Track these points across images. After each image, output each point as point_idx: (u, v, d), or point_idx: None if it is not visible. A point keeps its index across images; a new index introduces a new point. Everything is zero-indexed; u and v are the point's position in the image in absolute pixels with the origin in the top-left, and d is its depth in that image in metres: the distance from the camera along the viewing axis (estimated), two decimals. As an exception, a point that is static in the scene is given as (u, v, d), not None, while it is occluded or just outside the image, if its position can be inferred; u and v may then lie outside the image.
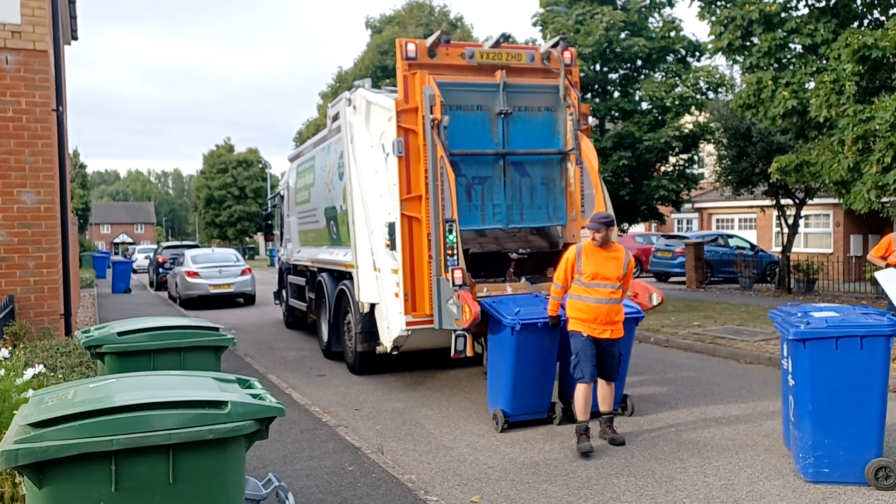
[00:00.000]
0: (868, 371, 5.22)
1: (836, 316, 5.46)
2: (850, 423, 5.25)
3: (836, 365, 5.23)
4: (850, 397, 5.25)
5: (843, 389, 5.24)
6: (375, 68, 28.95)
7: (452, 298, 7.16)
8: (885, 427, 5.34)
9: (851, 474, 5.30)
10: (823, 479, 5.34)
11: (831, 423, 5.28)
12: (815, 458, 5.34)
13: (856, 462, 5.28)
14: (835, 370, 5.24)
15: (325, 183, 11.18)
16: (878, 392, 5.24)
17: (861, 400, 5.24)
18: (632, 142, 17.31)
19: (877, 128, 10.75)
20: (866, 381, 5.23)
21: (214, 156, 61.15)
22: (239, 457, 2.66)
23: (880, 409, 5.26)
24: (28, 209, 8.63)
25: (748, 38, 14.12)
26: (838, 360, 5.23)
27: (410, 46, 8.12)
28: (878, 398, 5.25)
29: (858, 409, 5.25)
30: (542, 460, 6.05)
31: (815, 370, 5.28)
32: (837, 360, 5.23)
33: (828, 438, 5.30)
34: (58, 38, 9.42)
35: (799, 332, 5.28)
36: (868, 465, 5.24)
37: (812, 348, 5.26)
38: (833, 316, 5.46)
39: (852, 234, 25.76)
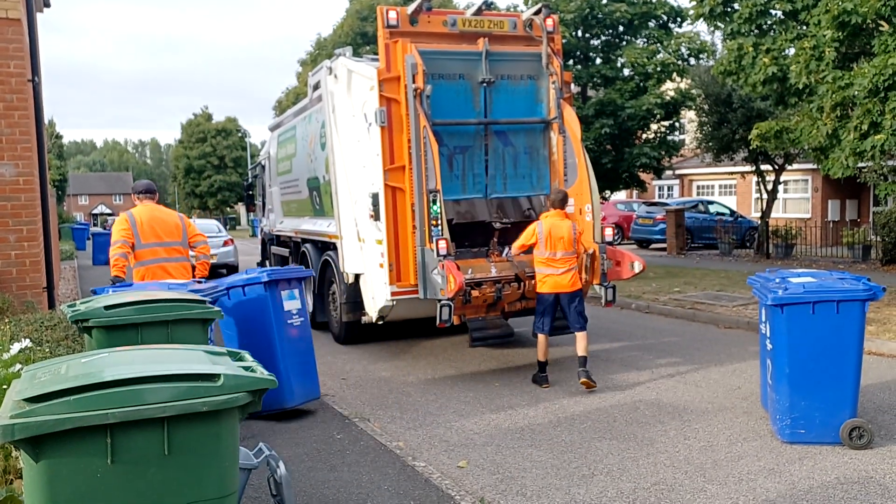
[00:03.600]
0: (844, 335, 5.37)
1: (812, 281, 5.60)
2: (825, 385, 5.41)
3: (813, 329, 5.37)
4: (826, 361, 5.40)
5: (820, 353, 5.39)
6: (355, 35, 28.56)
7: (437, 268, 7.22)
8: (859, 389, 5.52)
9: (827, 435, 5.47)
10: (800, 439, 5.52)
11: (808, 386, 5.44)
12: (791, 419, 5.51)
13: (831, 423, 5.45)
14: (811, 334, 5.38)
15: (308, 153, 11.12)
16: (853, 355, 5.41)
17: (837, 363, 5.40)
18: (614, 109, 17.33)
19: (855, 94, 10.84)
20: (842, 345, 5.38)
21: (193, 125, 60.34)
22: (232, 428, 2.71)
23: (855, 372, 5.43)
24: (7, 182, 8.51)
25: (729, 4, 14.09)
26: (815, 325, 5.37)
27: (391, 14, 8.04)
28: (853, 361, 5.42)
29: (834, 372, 5.40)
30: (527, 426, 6.18)
31: (792, 334, 5.42)
32: (814, 325, 5.37)
33: (804, 401, 5.46)
34: (31, 5, 9.20)
35: (777, 298, 5.42)
36: (842, 426, 5.41)
37: (789, 313, 5.40)
38: (810, 281, 5.59)
39: (830, 200, 26.09)
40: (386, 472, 5.08)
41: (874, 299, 5.36)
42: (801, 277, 5.72)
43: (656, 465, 5.21)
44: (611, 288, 8.06)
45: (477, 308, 7.67)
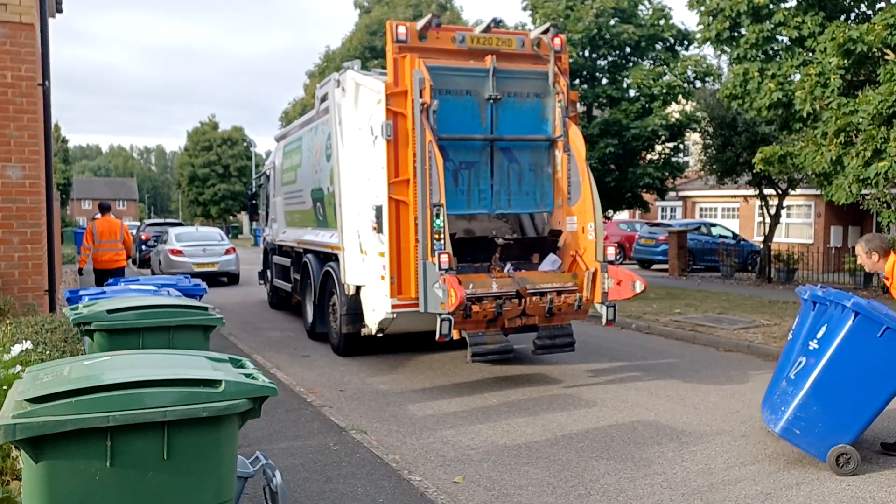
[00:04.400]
0: (893, 371, 5.28)
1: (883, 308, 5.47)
2: (846, 406, 5.34)
3: (870, 350, 5.26)
4: (861, 384, 5.30)
5: (861, 374, 5.30)
6: (364, 48, 28.77)
7: (438, 282, 7.23)
8: (869, 422, 5.43)
9: (815, 448, 5.43)
10: (789, 437, 5.50)
11: (830, 397, 5.35)
12: (794, 416, 5.44)
13: (826, 440, 5.39)
14: (865, 353, 5.27)
15: (313, 164, 11.17)
16: (888, 393, 5.33)
17: (870, 391, 5.31)
18: (619, 129, 17.40)
19: (860, 121, 10.89)
20: (887, 378, 5.29)
21: (199, 133, 60.52)
22: (232, 435, 2.72)
23: (881, 407, 5.36)
24: (13, 184, 8.56)
25: (736, 29, 14.20)
26: (874, 347, 5.26)
27: (401, 29, 8.12)
28: (885, 398, 5.34)
29: (862, 399, 5.32)
30: (524, 443, 6.16)
31: (847, 343, 5.31)
32: (873, 347, 5.26)
33: (818, 407, 5.38)
34: (44, 10, 9.30)
35: (857, 304, 5.30)
36: (833, 448, 5.36)
37: (859, 324, 5.28)
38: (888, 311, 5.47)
39: (833, 225, 26.10)
40: (381, 486, 5.06)
41: None
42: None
43: (653, 487, 5.19)
44: (612, 307, 8.07)
45: (477, 323, 7.68)
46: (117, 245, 11.96)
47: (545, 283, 8.13)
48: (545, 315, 7.97)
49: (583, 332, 10.74)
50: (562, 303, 8.00)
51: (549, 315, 7.98)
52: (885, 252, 5.83)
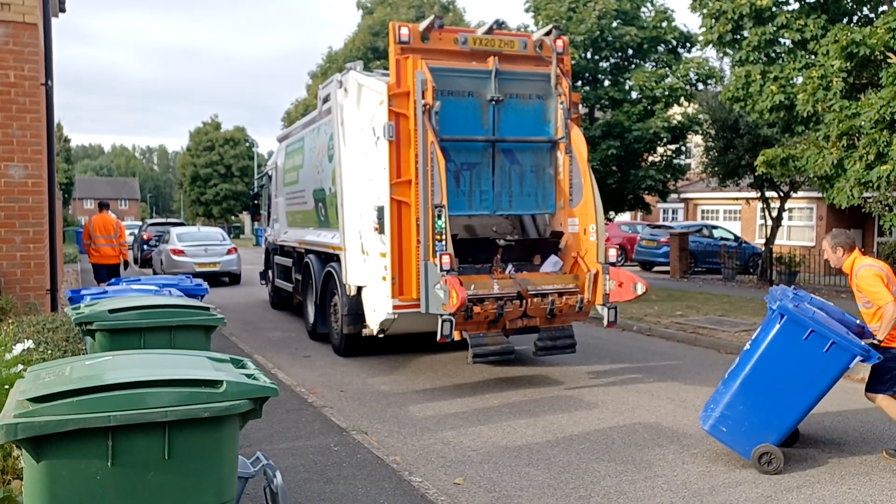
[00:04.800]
0: (818, 373, 5.37)
1: (822, 314, 5.55)
2: (772, 406, 5.46)
3: (795, 352, 5.37)
4: (787, 385, 5.42)
5: (787, 376, 5.42)
6: (366, 49, 28.79)
7: (440, 283, 7.23)
8: (796, 423, 5.56)
9: (741, 446, 5.54)
10: (716, 434, 5.63)
11: (756, 396, 5.49)
12: (722, 413, 5.58)
13: (752, 438, 5.49)
14: (791, 356, 5.39)
15: (315, 164, 11.18)
16: (814, 396, 5.44)
17: (795, 393, 5.42)
18: (621, 131, 17.40)
19: (862, 124, 10.88)
20: (811, 381, 5.39)
21: (201, 133, 60.54)
22: (233, 435, 2.73)
23: (806, 409, 5.48)
24: (15, 183, 8.57)
25: (739, 32, 14.19)
26: (799, 350, 5.36)
27: (404, 30, 8.12)
28: (811, 401, 5.45)
29: (788, 400, 5.44)
30: (525, 445, 6.16)
31: (774, 344, 5.45)
32: (798, 349, 5.36)
33: (744, 406, 5.51)
34: (47, 10, 9.32)
35: (783, 307, 5.41)
36: (757, 447, 5.46)
37: (786, 326, 5.41)
38: (820, 314, 5.54)
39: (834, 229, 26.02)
40: (382, 486, 5.06)
41: (864, 361, 5.31)
42: (817, 308, 5.67)
43: (654, 489, 5.18)
44: (613, 309, 8.07)
45: (478, 324, 7.68)
46: (112, 241, 12.76)
47: (546, 285, 8.13)
48: (546, 316, 7.97)
49: (584, 334, 10.73)
50: (563, 304, 8.00)
51: (550, 316, 7.98)
52: (850, 248, 5.90)
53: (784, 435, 5.54)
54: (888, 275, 5.67)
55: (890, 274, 5.70)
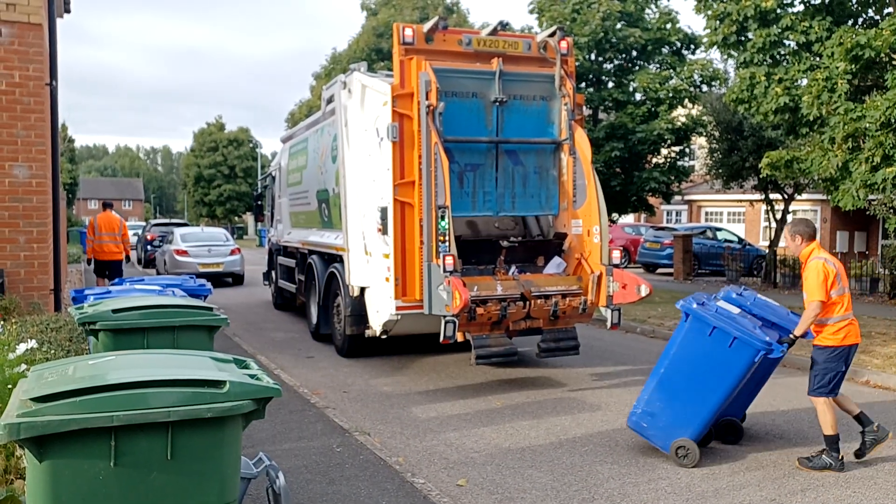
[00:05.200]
0: (724, 368, 5.51)
1: (733, 311, 5.68)
2: (685, 401, 5.66)
3: (702, 349, 5.58)
4: (697, 381, 5.60)
5: (696, 372, 5.61)
6: (370, 50, 28.79)
7: (443, 284, 7.22)
8: (712, 420, 5.71)
9: (660, 440, 5.78)
10: (638, 430, 5.91)
11: (671, 392, 5.72)
12: (642, 410, 5.85)
13: (671, 434, 5.70)
14: (698, 352, 5.60)
15: (318, 165, 11.18)
16: (724, 390, 5.56)
17: (705, 388, 5.59)
18: (624, 133, 17.38)
19: (867, 126, 10.84)
20: (718, 375, 5.54)
21: (205, 134, 60.62)
22: (236, 436, 2.72)
23: (717, 404, 5.60)
24: (20, 183, 8.58)
25: (743, 34, 14.15)
26: (705, 346, 5.57)
27: (408, 31, 8.12)
28: (721, 394, 5.57)
29: (698, 395, 5.61)
30: (528, 446, 6.14)
31: (683, 342, 5.70)
32: (705, 346, 5.57)
33: (661, 402, 5.77)
34: (52, 11, 9.33)
35: (685, 306, 5.72)
36: (675, 441, 5.66)
37: (691, 325, 5.65)
38: (729, 309, 5.70)
39: (839, 231, 26.03)
40: (385, 488, 5.05)
41: (767, 354, 5.39)
42: (730, 305, 5.80)
43: (657, 492, 5.17)
44: (616, 311, 8.05)
45: (481, 325, 7.67)
46: (115, 239, 13.41)
47: (550, 286, 8.11)
48: (550, 318, 7.96)
49: (587, 336, 10.71)
50: (566, 306, 7.98)
51: (553, 318, 7.97)
52: (810, 238, 5.85)
53: (701, 429, 5.68)
54: (837, 275, 5.61)
55: (841, 274, 5.67)
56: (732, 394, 5.63)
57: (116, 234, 13.45)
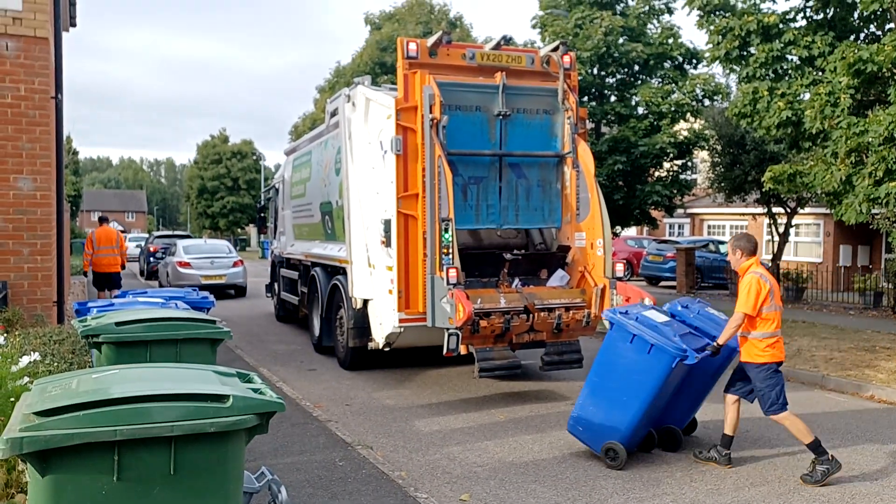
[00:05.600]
0: (645, 373, 5.74)
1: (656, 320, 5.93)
2: (613, 405, 5.92)
3: (625, 355, 5.86)
4: (622, 386, 5.87)
5: (621, 377, 5.88)
6: (374, 64, 28.91)
7: (446, 297, 7.21)
8: (640, 424, 5.89)
9: (593, 443, 6.08)
10: (574, 433, 6.23)
11: (600, 397, 6.02)
12: (578, 415, 6.17)
13: (602, 436, 5.98)
14: (622, 358, 5.88)
15: (322, 178, 11.20)
16: (646, 395, 5.77)
17: (629, 393, 5.83)
18: (627, 146, 17.40)
19: (870, 141, 10.84)
20: (640, 382, 5.77)
21: (209, 146, 60.83)
22: (239, 450, 2.70)
23: (640, 408, 5.80)
24: (24, 196, 8.61)
25: (746, 49, 14.18)
26: (628, 353, 5.84)
27: (412, 45, 8.16)
28: (644, 400, 5.78)
29: (624, 399, 5.85)
30: (531, 461, 6.11)
31: (609, 349, 6.00)
32: (627, 352, 5.84)
33: (593, 406, 6.06)
34: (58, 24, 9.39)
35: (609, 315, 6.05)
36: (603, 444, 5.92)
37: (615, 332, 5.97)
38: (649, 316, 5.98)
39: (842, 245, 25.95)
40: (387, 502, 5.02)
41: (682, 359, 5.55)
42: (658, 314, 6.09)
43: (662, 507, 5.13)
44: (620, 324, 8.01)
45: (485, 338, 7.65)
46: (114, 251, 13.97)
47: (553, 299, 8.10)
48: (553, 331, 7.94)
49: (591, 349, 10.65)
50: (570, 319, 7.97)
51: (557, 331, 7.95)
52: (750, 253, 5.94)
53: (630, 433, 5.88)
54: (771, 291, 5.72)
55: (775, 292, 5.77)
56: (656, 399, 5.81)
57: (114, 247, 14.01)
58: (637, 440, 6.08)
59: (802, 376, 9.55)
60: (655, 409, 5.99)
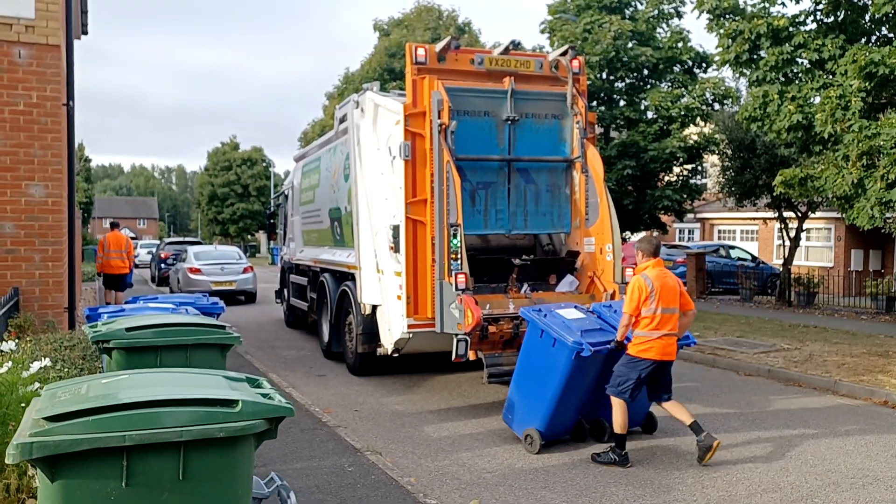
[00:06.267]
0: (552, 365, 6.23)
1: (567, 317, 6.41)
2: (531, 395, 6.49)
3: (538, 349, 6.39)
4: (535, 377, 6.43)
5: (535, 369, 6.45)
6: (383, 70, 29.00)
7: (455, 302, 7.20)
8: (552, 411, 6.31)
9: (517, 429, 6.64)
10: (506, 421, 6.83)
11: (521, 387, 6.60)
12: (507, 404, 6.77)
13: (523, 422, 6.56)
14: (536, 352, 6.42)
15: (331, 184, 11.22)
16: (556, 384, 6.23)
17: (541, 383, 6.35)
18: (636, 151, 17.37)
19: (882, 144, 10.77)
20: (549, 373, 6.28)
21: (219, 153, 61.12)
22: (248, 456, 2.70)
23: (553, 397, 6.28)
24: (36, 202, 8.67)
25: (756, 52, 14.13)
26: (539, 346, 6.36)
27: (420, 51, 8.17)
28: (554, 389, 6.24)
29: (537, 389, 6.40)
30: (541, 467, 6.08)
31: (526, 344, 6.55)
32: (539, 346, 6.36)
33: (516, 396, 6.66)
34: (70, 32, 9.47)
35: (524, 313, 6.57)
36: (524, 430, 6.49)
37: (530, 328, 6.47)
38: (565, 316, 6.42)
39: (853, 249, 25.78)
40: (397, 508, 5.00)
41: (578, 352, 5.97)
42: (569, 311, 6.57)
43: (673, 513, 5.09)
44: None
45: (493, 344, 7.62)
46: (122, 255, 15.11)
47: (562, 305, 8.06)
48: (562, 337, 7.90)
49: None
50: (579, 325, 7.92)
51: (566, 337, 7.91)
52: (649, 255, 6.25)
53: (546, 420, 6.36)
54: (652, 293, 5.99)
55: (658, 294, 6.00)
56: (567, 389, 6.23)
57: (123, 252, 15.15)
58: (558, 428, 6.55)
59: (815, 382, 9.47)
60: (573, 399, 6.43)
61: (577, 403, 6.52)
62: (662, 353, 6.06)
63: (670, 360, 6.19)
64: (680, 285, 6.26)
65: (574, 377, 6.17)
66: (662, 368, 6.18)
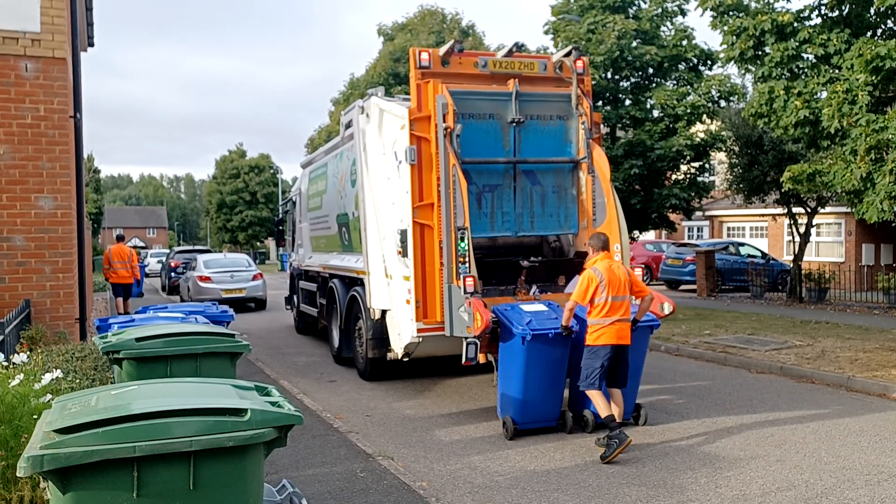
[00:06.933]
0: (514, 354, 6.80)
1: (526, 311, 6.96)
2: (505, 384, 7.01)
3: (505, 342, 6.92)
4: (506, 367, 6.97)
5: (504, 360, 7.00)
6: (388, 75, 29.06)
7: (464, 306, 7.19)
8: (521, 398, 6.82)
9: (501, 415, 7.10)
10: (499, 414, 7.19)
11: (503, 378, 7.05)
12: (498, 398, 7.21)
13: (503, 410, 7.07)
14: (504, 345, 6.95)
15: (338, 189, 11.25)
16: (519, 372, 6.77)
17: (510, 372, 6.90)
18: (643, 150, 17.31)
19: (890, 138, 10.70)
20: (514, 361, 6.83)
21: (227, 161, 61.42)
22: (258, 464, 2.71)
23: (518, 385, 6.80)
24: (45, 214, 8.72)
25: (760, 48, 14.06)
26: (505, 339, 6.89)
27: (424, 55, 8.18)
28: (519, 374, 6.78)
29: (508, 378, 6.93)
30: (553, 469, 6.06)
31: (500, 339, 6.99)
32: (505, 338, 6.89)
33: (500, 388, 7.11)
34: (76, 45, 9.54)
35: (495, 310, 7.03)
36: (503, 417, 7.04)
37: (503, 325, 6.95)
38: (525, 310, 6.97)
39: (864, 244, 25.61)
40: (409, 513, 5.00)
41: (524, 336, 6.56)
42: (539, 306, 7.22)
43: (686, 514, 5.06)
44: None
45: (503, 347, 7.60)
46: (126, 266, 16.56)
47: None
48: (572, 338, 7.87)
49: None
50: (589, 326, 7.90)
51: (576, 338, 7.89)
52: (599, 249, 6.76)
53: (519, 406, 6.88)
54: (601, 283, 6.46)
55: (608, 284, 6.47)
56: (531, 374, 6.74)
57: (126, 263, 16.58)
58: (534, 417, 6.97)
59: (827, 378, 9.41)
60: (541, 387, 6.86)
61: (549, 392, 6.96)
62: (617, 337, 6.50)
63: (626, 345, 6.58)
64: (630, 274, 6.82)
65: (532, 362, 6.73)
66: (620, 354, 6.57)
